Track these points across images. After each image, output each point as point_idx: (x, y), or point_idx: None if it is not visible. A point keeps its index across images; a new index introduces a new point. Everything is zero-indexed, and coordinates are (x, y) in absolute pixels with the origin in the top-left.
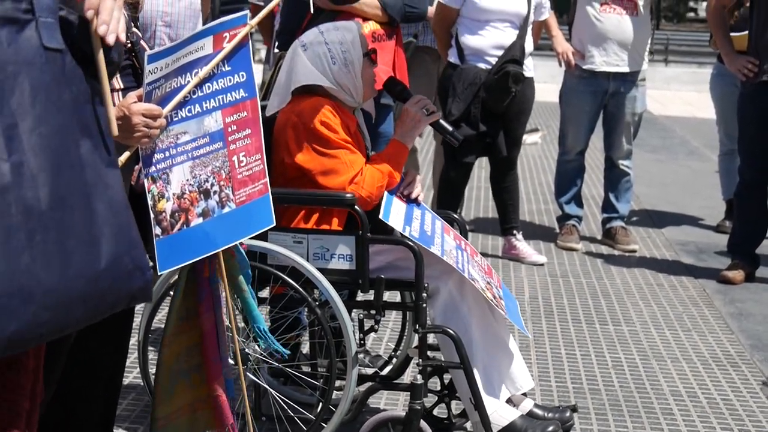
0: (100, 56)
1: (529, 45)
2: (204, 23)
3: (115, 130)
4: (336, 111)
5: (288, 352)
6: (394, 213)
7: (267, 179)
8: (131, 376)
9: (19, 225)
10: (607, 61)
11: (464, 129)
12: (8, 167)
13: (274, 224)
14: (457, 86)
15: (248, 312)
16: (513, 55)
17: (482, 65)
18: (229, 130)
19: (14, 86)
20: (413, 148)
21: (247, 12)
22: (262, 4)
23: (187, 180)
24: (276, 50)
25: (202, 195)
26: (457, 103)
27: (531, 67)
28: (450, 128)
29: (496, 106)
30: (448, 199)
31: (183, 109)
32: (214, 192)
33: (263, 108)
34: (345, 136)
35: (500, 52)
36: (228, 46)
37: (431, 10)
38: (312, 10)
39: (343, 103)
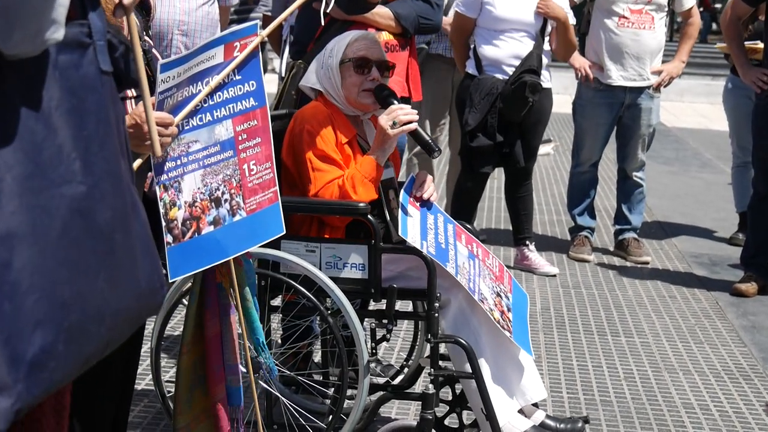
0: (144, 77)
1: (546, 56)
2: None
3: (159, 151)
4: (331, 119)
5: (276, 371)
6: (411, 227)
7: (277, 187)
8: (143, 383)
9: (96, 248)
10: (625, 75)
11: (481, 139)
12: (86, 190)
13: (284, 232)
14: (474, 97)
15: (249, 323)
16: (530, 65)
17: (500, 76)
18: (240, 138)
19: (84, 111)
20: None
21: (257, 21)
22: (270, 14)
23: (199, 188)
24: (289, 59)
25: (213, 203)
26: (474, 113)
27: (548, 78)
28: (427, 138)
29: (513, 116)
30: (462, 210)
31: (194, 118)
32: (225, 200)
33: (274, 118)
34: (323, 147)
35: (517, 62)
36: (239, 56)
37: (446, 20)
38: (323, 22)
39: (344, 112)
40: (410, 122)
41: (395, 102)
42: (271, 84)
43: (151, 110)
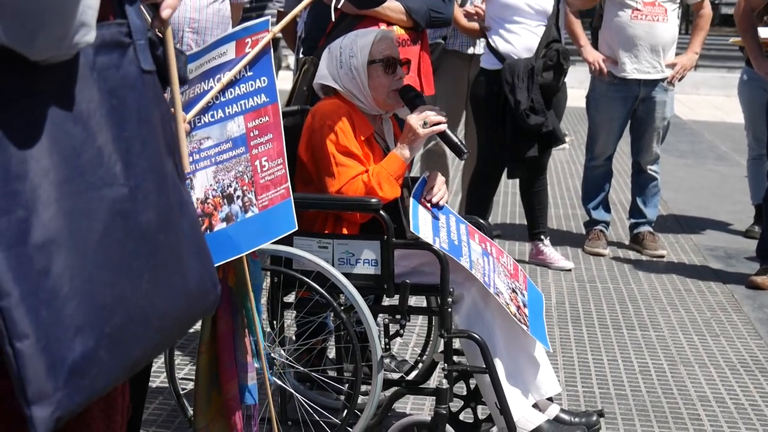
0: (174, 74)
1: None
2: None
3: (187, 166)
4: (350, 116)
5: (272, 378)
6: (423, 224)
7: (288, 183)
8: (158, 380)
9: (138, 249)
10: (639, 68)
11: (534, 117)
12: (127, 192)
13: (296, 228)
14: (512, 79)
15: (249, 326)
16: (553, 37)
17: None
18: (252, 135)
19: (125, 111)
20: (442, 152)
21: (268, 18)
22: (283, 10)
23: (211, 185)
24: (300, 56)
25: (225, 200)
26: (520, 91)
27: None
28: (456, 139)
29: (553, 87)
30: (477, 205)
31: (206, 115)
32: (237, 197)
33: (285, 114)
34: (346, 143)
35: (532, 54)
36: (251, 52)
37: (458, 12)
38: (333, 18)
39: (362, 109)
40: (439, 123)
41: (423, 103)
42: (285, 81)
43: (181, 123)
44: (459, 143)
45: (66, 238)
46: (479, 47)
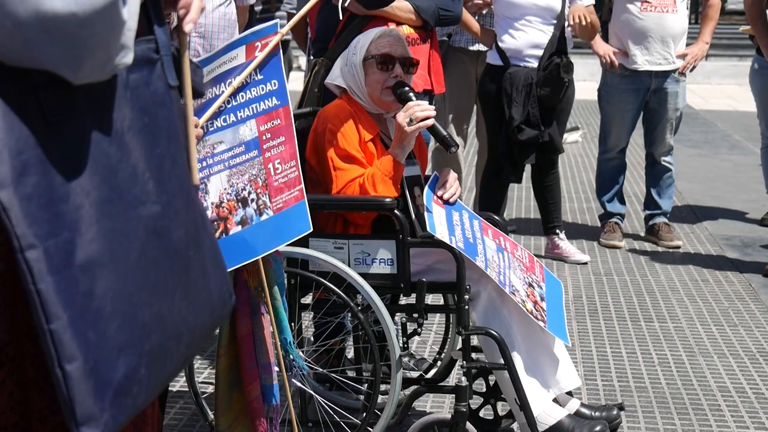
0: (188, 85)
1: (568, 41)
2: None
3: (196, 179)
4: (354, 117)
5: (306, 367)
6: (438, 224)
7: (302, 185)
8: (178, 384)
9: (172, 266)
10: (650, 60)
11: (527, 131)
12: (160, 209)
13: (311, 230)
14: (511, 91)
15: (278, 323)
16: (557, 47)
17: (529, 65)
18: (264, 138)
19: (156, 128)
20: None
21: (277, 21)
22: (295, 12)
23: (225, 189)
24: (311, 57)
25: (239, 203)
26: (516, 106)
27: None
28: (444, 133)
29: (552, 100)
30: (491, 201)
31: (218, 119)
32: (252, 200)
33: (297, 116)
34: (345, 146)
35: (537, 52)
36: (260, 55)
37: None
38: (341, 17)
39: (368, 110)
40: (427, 118)
41: (412, 98)
42: (297, 82)
43: (193, 137)
44: (447, 137)
45: (107, 258)
46: None
